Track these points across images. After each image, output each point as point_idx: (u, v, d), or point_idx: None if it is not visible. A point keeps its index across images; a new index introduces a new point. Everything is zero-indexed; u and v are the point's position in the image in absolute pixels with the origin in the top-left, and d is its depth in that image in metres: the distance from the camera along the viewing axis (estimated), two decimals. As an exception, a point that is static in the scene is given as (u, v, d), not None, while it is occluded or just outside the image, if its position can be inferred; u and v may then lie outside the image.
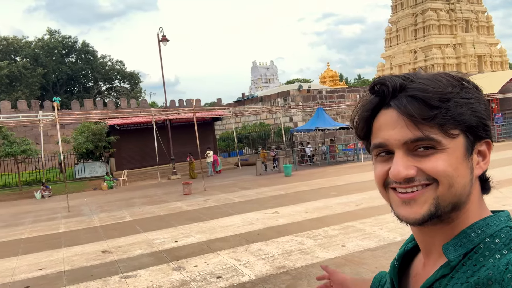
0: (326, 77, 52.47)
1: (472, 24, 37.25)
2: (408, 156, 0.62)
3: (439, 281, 0.62)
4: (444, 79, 0.62)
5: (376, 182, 0.69)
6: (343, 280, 1.13)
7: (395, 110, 0.63)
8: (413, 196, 0.62)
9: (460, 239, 0.62)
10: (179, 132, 22.94)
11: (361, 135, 0.71)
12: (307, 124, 21.97)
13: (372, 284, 1.02)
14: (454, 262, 0.61)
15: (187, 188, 14.34)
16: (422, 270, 0.70)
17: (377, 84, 0.66)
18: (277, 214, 9.32)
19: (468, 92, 0.62)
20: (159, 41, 21.88)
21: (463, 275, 0.59)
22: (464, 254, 0.61)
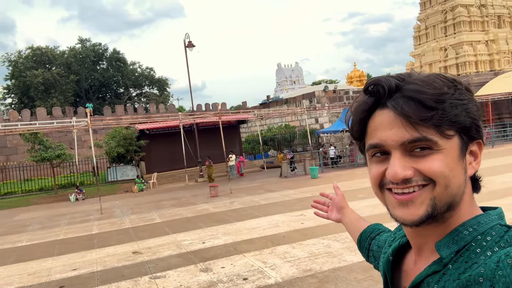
0: (353, 77, 51.66)
1: (505, 20, 35.63)
2: (405, 157, 0.62)
3: (430, 277, 0.64)
4: (439, 80, 0.63)
5: (372, 183, 0.69)
6: (342, 206, 1.23)
7: (391, 111, 0.63)
8: (411, 198, 0.63)
9: (452, 237, 0.63)
10: (205, 135, 23.26)
11: (357, 136, 0.70)
12: (334, 126, 21.72)
13: (363, 231, 1.09)
14: (446, 259, 0.62)
15: (214, 190, 14.51)
16: (413, 266, 0.71)
17: (372, 84, 0.66)
18: (303, 216, 9.27)
19: (461, 93, 0.63)
20: (186, 46, 22.30)
21: (455, 271, 0.60)
22: (456, 251, 0.62)
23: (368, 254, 1.07)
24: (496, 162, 15.53)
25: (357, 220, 1.18)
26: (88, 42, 49.83)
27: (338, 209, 1.24)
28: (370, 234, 1.08)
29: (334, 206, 1.26)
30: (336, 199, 1.26)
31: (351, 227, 1.19)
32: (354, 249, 6.41)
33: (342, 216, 1.22)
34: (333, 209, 1.26)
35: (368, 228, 1.11)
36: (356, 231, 1.14)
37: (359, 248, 1.13)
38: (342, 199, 1.24)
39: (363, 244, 1.10)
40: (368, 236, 1.08)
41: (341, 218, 1.22)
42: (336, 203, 1.25)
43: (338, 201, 1.24)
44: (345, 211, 1.22)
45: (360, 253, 1.14)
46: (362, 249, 1.11)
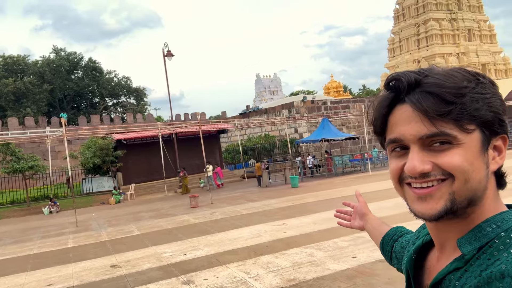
0: (330, 88, 52.61)
1: (475, 33, 37.34)
2: (424, 151, 0.62)
3: (452, 274, 0.63)
4: (459, 74, 0.62)
5: (391, 177, 0.69)
6: (364, 213, 1.23)
7: (410, 106, 0.63)
8: (429, 192, 0.63)
9: (475, 233, 0.62)
10: (185, 145, 23.03)
11: (378, 131, 0.71)
12: (313, 135, 21.96)
13: (386, 234, 1.09)
14: (468, 255, 0.61)
15: (194, 201, 14.32)
16: (436, 263, 0.71)
17: (392, 80, 0.66)
18: (285, 226, 9.26)
19: (484, 87, 0.62)
20: (164, 56, 22.17)
21: (477, 268, 0.59)
22: (479, 248, 0.61)
23: (391, 256, 1.07)
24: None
25: (380, 225, 1.18)
26: (62, 51, 48.76)
27: (360, 216, 1.24)
28: (392, 237, 1.08)
29: (357, 213, 1.26)
30: (358, 206, 1.26)
31: (374, 232, 1.18)
32: (337, 257, 6.43)
33: (365, 222, 1.22)
34: (356, 216, 1.26)
35: (390, 231, 1.11)
36: (379, 236, 1.14)
37: (382, 252, 1.12)
38: (364, 205, 1.24)
39: (385, 247, 1.09)
40: (390, 239, 1.08)
41: (364, 224, 1.22)
42: (358, 210, 1.25)
43: (360, 208, 1.24)
44: (367, 218, 1.22)
45: (383, 256, 1.13)
46: (384, 251, 1.10)
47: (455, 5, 36.69)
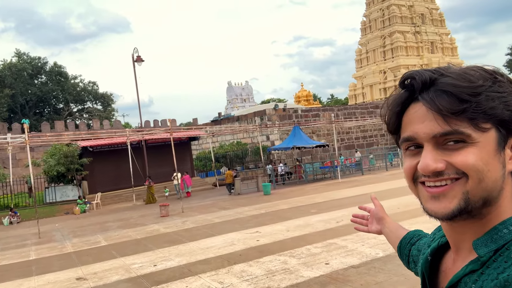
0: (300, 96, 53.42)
1: (437, 46, 39.21)
2: (437, 150, 0.62)
3: (467, 276, 0.62)
4: (475, 73, 0.61)
5: (405, 176, 0.68)
6: (381, 217, 1.22)
7: (424, 104, 0.63)
8: (443, 191, 0.62)
9: (491, 235, 0.61)
10: (154, 152, 22.54)
11: (392, 130, 0.70)
12: (284, 143, 22.14)
13: (403, 238, 1.09)
14: (484, 258, 0.60)
15: (164, 210, 13.99)
16: (451, 266, 0.69)
17: (407, 78, 0.66)
18: (258, 233, 9.20)
19: (501, 85, 0.61)
20: (134, 61, 21.71)
21: (494, 271, 0.58)
22: (495, 250, 0.60)
23: (409, 260, 1.06)
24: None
25: (397, 229, 1.17)
26: (25, 55, 46.73)
27: (377, 220, 1.24)
28: (410, 240, 1.07)
29: (373, 218, 1.25)
30: (375, 210, 1.25)
31: (391, 236, 1.17)
32: (311, 264, 6.44)
33: (382, 226, 1.21)
34: (373, 221, 1.26)
35: (408, 235, 1.10)
36: (396, 239, 1.13)
37: (399, 256, 1.11)
38: (381, 209, 1.23)
39: (403, 251, 1.08)
40: (408, 242, 1.07)
41: (381, 228, 1.21)
42: (375, 214, 1.24)
43: (377, 212, 1.24)
44: (384, 221, 1.21)
45: (401, 260, 1.12)
46: (402, 256, 1.09)
47: (419, 18, 38.42)
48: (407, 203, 11.13)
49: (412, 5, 38.09)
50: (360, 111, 31.66)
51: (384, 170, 23.20)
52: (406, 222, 8.75)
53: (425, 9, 38.77)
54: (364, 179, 19.59)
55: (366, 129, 31.37)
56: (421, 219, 8.88)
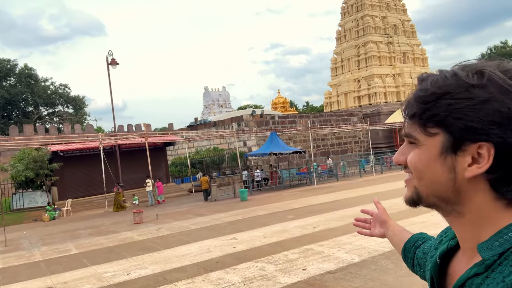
0: (277, 103, 53.86)
1: (409, 56, 40.54)
2: (407, 146, 0.69)
3: (472, 279, 0.62)
4: (455, 79, 0.62)
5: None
6: (384, 220, 1.22)
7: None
8: (406, 182, 0.71)
9: (496, 238, 0.61)
10: (128, 158, 22.05)
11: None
12: (261, 149, 22.18)
13: (407, 241, 1.09)
14: (489, 261, 0.60)
15: (138, 216, 13.66)
16: (458, 268, 0.70)
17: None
18: (235, 240, 9.12)
19: (473, 93, 0.60)
20: (108, 64, 21.26)
21: (499, 275, 0.58)
22: (500, 254, 0.60)
23: (413, 263, 1.06)
24: (406, 182, 17.15)
25: (401, 232, 1.16)
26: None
27: (380, 224, 1.23)
28: (414, 243, 1.07)
29: (376, 221, 1.25)
30: (377, 213, 1.25)
31: (395, 239, 1.17)
32: (288, 270, 6.43)
33: (386, 229, 1.21)
34: (376, 224, 1.25)
35: (412, 238, 1.10)
36: (400, 243, 1.12)
37: (404, 259, 1.11)
38: (384, 212, 1.23)
39: (407, 254, 1.08)
40: (412, 245, 1.07)
41: (385, 232, 1.21)
42: (378, 218, 1.24)
43: (380, 215, 1.23)
44: (388, 225, 1.21)
45: (405, 263, 1.11)
46: (407, 259, 1.09)
47: (392, 29, 39.66)
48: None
49: (385, 16, 39.34)
50: (335, 118, 32.21)
51: (358, 177, 23.63)
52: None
53: (398, 20, 40.12)
54: (339, 185, 19.87)
55: (341, 136, 31.93)
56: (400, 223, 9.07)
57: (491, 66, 0.61)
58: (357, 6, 39.89)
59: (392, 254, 6.80)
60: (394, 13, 40.68)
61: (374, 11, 39.40)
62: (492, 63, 0.62)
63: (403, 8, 42.06)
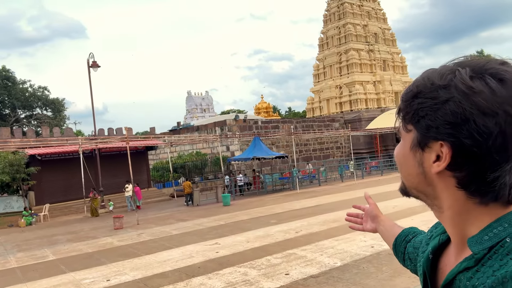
0: (260, 108, 53.99)
1: (389, 64, 41.41)
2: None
3: (462, 273, 0.63)
4: (430, 81, 0.64)
5: None
6: (376, 215, 1.24)
7: None
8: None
9: (486, 232, 0.62)
10: (108, 162, 21.67)
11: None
12: (244, 153, 22.17)
13: (399, 235, 1.11)
14: (479, 255, 0.61)
15: (118, 222, 13.41)
16: (448, 262, 0.71)
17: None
18: (217, 245, 9.06)
19: (438, 93, 0.62)
20: (89, 66, 20.90)
21: (489, 269, 0.59)
22: (490, 248, 0.60)
23: (404, 257, 1.07)
24: (387, 188, 17.43)
25: (392, 227, 1.18)
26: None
27: (372, 219, 1.25)
28: (405, 238, 1.08)
29: (368, 216, 1.26)
30: (369, 208, 1.26)
31: (386, 234, 1.18)
32: (271, 275, 6.43)
33: (377, 224, 1.22)
34: (367, 219, 1.26)
35: (403, 232, 1.11)
36: (391, 237, 1.14)
37: (395, 253, 1.12)
38: (375, 208, 1.25)
39: (398, 249, 1.09)
40: (403, 240, 1.08)
41: (376, 226, 1.23)
42: (369, 213, 1.26)
43: (371, 210, 1.25)
44: (379, 219, 1.22)
45: (396, 258, 1.12)
46: (397, 253, 1.10)
47: (372, 37, 40.47)
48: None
49: (367, 24, 40.14)
50: (317, 124, 32.53)
51: (340, 182, 23.89)
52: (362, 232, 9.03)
53: (378, 29, 40.99)
54: (322, 190, 20.04)
55: (323, 141, 32.25)
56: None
57: (468, 66, 0.62)
58: (339, 14, 40.57)
59: (373, 258, 6.90)
60: (375, 22, 41.56)
61: (356, 19, 40.15)
62: (474, 63, 0.62)
63: (383, 17, 43.02)
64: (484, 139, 0.58)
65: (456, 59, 0.66)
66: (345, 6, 39.87)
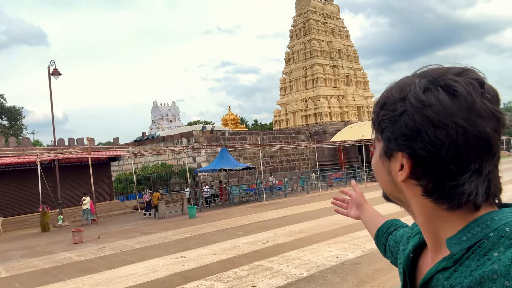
0: (228, 120, 54.04)
1: (352, 79, 42.93)
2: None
3: (440, 273, 0.63)
4: (391, 92, 0.67)
5: None
6: (361, 203, 1.26)
7: None
8: None
9: (464, 233, 0.62)
10: (69, 173, 20.77)
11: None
12: (211, 165, 22.01)
13: (380, 227, 1.12)
14: (457, 255, 0.61)
15: (78, 236, 12.83)
16: (426, 262, 0.72)
17: None
18: (183, 258, 8.89)
19: (399, 106, 0.64)
20: (50, 74, 20.10)
21: (467, 268, 0.59)
22: (468, 248, 0.61)
23: (385, 249, 1.09)
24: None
25: (375, 216, 1.20)
26: None
27: (357, 206, 1.26)
28: (387, 230, 1.10)
29: (353, 203, 1.28)
30: (355, 195, 1.28)
31: (369, 223, 1.20)
32: None
33: (361, 212, 1.24)
34: (352, 206, 1.28)
35: (385, 224, 1.12)
36: (374, 228, 1.15)
37: (376, 244, 1.14)
38: (361, 196, 1.27)
39: (380, 240, 1.11)
40: (385, 232, 1.10)
41: (360, 215, 1.25)
42: (355, 200, 1.27)
43: (357, 197, 1.27)
44: (363, 208, 1.24)
45: (377, 248, 1.14)
46: (379, 244, 1.12)
47: (336, 53, 41.90)
48: (326, 224, 11.73)
49: (331, 41, 41.54)
50: (284, 136, 32.97)
51: (306, 193, 24.23)
52: (327, 242, 9.19)
53: (342, 45, 42.52)
54: (288, 201, 20.22)
55: (289, 153, 32.68)
56: (340, 239, 9.41)
57: (428, 76, 0.64)
58: (305, 30, 41.75)
59: (338, 268, 7.04)
60: (339, 39, 43.10)
61: (321, 35, 41.47)
62: (434, 73, 0.64)
63: (346, 34, 44.72)
64: (437, 150, 0.60)
65: (425, 66, 0.67)
66: (311, 22, 41.13)
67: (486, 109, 0.59)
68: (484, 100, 0.60)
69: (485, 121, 0.59)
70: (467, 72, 0.62)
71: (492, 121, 0.59)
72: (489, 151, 0.61)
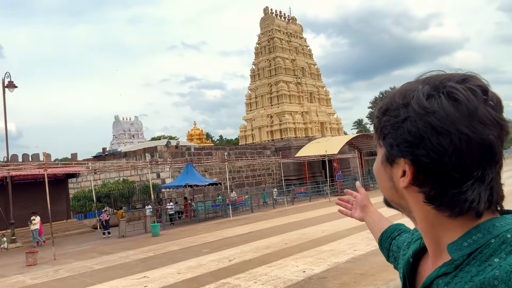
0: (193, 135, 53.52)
1: (315, 96, 44.15)
2: None
3: (440, 278, 0.63)
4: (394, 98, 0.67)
5: None
6: (365, 205, 1.24)
7: None
8: None
9: (465, 239, 0.62)
10: (22, 191, 19.57)
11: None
12: (176, 180, 21.58)
13: (384, 231, 1.11)
14: (458, 261, 0.61)
15: (32, 257, 12.04)
16: (426, 267, 0.72)
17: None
18: (146, 278, 8.56)
19: (398, 113, 0.64)
20: (5, 87, 19.08)
21: (467, 274, 0.59)
22: (468, 254, 0.61)
23: (388, 254, 1.08)
24: (315, 213, 18.14)
25: (379, 220, 1.19)
26: None
27: (361, 208, 1.25)
28: (391, 234, 1.09)
29: (358, 204, 1.26)
30: (359, 197, 1.26)
31: (373, 226, 1.19)
32: (204, 306, 6.21)
33: (365, 214, 1.23)
34: (357, 207, 1.27)
35: (389, 228, 1.12)
36: (378, 231, 1.15)
37: (380, 248, 1.13)
38: (365, 197, 1.25)
39: (383, 244, 1.10)
40: (388, 236, 1.09)
41: (364, 216, 1.23)
42: (360, 201, 1.26)
43: (361, 199, 1.25)
44: (367, 210, 1.23)
45: (381, 252, 1.13)
46: (382, 248, 1.11)
47: (300, 71, 43.07)
48: (292, 239, 11.79)
49: (294, 59, 42.72)
50: (250, 151, 33.08)
51: (271, 208, 24.28)
52: (294, 257, 9.21)
53: (305, 63, 43.81)
54: (254, 217, 20.14)
55: (256, 168, 32.77)
56: (307, 253, 9.47)
57: (432, 82, 0.63)
58: (270, 48, 42.68)
59: (305, 283, 7.05)
60: (302, 57, 44.40)
61: (285, 53, 42.55)
62: (437, 79, 0.64)
63: (309, 53, 46.18)
64: (440, 157, 0.59)
65: (428, 72, 0.66)
66: (275, 40, 42.14)
67: (489, 116, 0.59)
68: (488, 107, 0.59)
69: (489, 128, 0.58)
70: (470, 79, 0.62)
71: (495, 129, 0.59)
72: (492, 159, 0.60)
